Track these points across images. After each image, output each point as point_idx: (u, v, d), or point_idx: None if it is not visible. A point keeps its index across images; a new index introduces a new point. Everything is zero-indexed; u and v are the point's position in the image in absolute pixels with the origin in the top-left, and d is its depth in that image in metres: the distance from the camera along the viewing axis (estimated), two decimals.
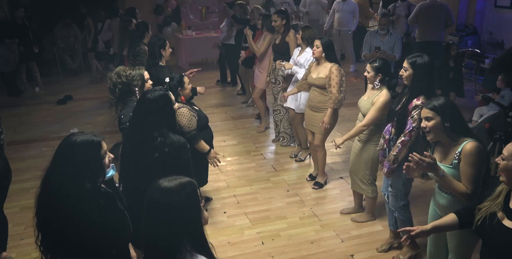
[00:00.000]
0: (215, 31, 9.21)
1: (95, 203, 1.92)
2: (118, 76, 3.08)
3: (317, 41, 3.97)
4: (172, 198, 1.59)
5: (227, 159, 5.13)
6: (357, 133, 3.47)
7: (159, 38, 4.06)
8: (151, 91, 2.58)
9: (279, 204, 4.17)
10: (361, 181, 3.69)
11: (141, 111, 2.52)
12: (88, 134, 1.93)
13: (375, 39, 5.41)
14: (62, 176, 1.85)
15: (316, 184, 4.43)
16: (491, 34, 7.83)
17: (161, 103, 2.51)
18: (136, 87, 3.07)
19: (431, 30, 6.60)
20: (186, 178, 1.67)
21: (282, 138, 5.36)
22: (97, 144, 1.93)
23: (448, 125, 2.36)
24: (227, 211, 4.06)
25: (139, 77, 3.07)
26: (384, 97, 3.34)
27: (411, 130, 2.91)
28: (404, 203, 3.24)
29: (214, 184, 4.53)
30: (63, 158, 1.86)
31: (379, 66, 3.38)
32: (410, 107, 2.94)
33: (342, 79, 3.93)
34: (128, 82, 3.06)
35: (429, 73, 3.00)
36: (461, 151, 2.35)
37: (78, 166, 1.86)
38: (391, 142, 3.12)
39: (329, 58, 3.97)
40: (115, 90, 3.09)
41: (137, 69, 3.10)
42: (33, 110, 6.90)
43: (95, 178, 1.93)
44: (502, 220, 1.98)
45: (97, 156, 1.93)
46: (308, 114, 4.27)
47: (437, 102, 2.40)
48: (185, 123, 3.36)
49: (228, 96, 7.49)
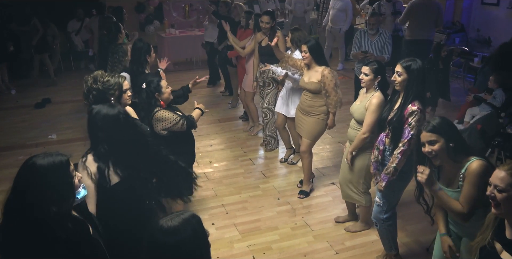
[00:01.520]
0: (199, 30, 8.97)
1: (64, 231, 1.72)
2: (94, 81, 2.82)
3: (303, 47, 3.79)
4: (179, 237, 1.45)
5: (214, 165, 4.94)
6: (361, 143, 3.27)
7: (144, 43, 3.79)
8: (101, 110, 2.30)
9: (269, 213, 4.00)
10: (353, 191, 3.53)
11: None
12: (52, 155, 1.73)
13: (364, 39, 5.25)
14: (25, 205, 1.65)
15: (302, 193, 4.26)
16: (478, 32, 7.77)
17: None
18: (112, 96, 2.81)
19: (422, 28, 6.49)
20: (187, 213, 1.54)
21: (267, 142, 5.18)
22: (65, 164, 1.74)
23: (452, 145, 2.20)
24: (215, 223, 3.87)
25: (117, 86, 2.81)
26: (377, 99, 3.18)
27: (410, 138, 2.76)
28: (388, 216, 3.09)
29: (201, 193, 4.32)
30: (26, 185, 1.65)
31: (378, 68, 3.22)
32: (405, 113, 2.79)
33: (337, 81, 3.78)
34: (103, 90, 2.80)
35: (423, 77, 2.87)
36: (465, 171, 2.19)
37: (44, 192, 1.66)
38: (385, 152, 2.97)
39: (319, 62, 3.80)
40: (89, 96, 2.83)
41: (117, 77, 2.84)
42: (9, 114, 6.56)
43: (64, 202, 1.74)
44: (500, 253, 1.80)
45: (66, 177, 1.74)
46: (298, 117, 4.11)
47: (435, 122, 2.22)
48: (169, 123, 3.22)
49: (214, 96, 7.28)
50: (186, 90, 3.95)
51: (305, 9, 8.92)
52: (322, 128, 3.99)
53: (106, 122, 2.23)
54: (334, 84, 3.73)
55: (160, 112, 3.23)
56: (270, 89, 4.88)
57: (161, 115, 3.21)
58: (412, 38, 6.61)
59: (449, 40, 7.61)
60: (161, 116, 3.21)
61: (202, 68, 8.64)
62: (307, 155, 4.13)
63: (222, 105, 6.82)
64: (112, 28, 4.94)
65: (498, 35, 7.29)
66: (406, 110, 2.78)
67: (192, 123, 3.34)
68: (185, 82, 4.14)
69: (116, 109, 2.29)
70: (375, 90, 3.25)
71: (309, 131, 3.99)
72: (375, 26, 5.17)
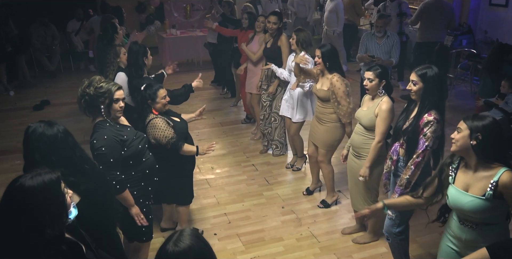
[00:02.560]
0: (201, 30, 8.82)
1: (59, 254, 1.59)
2: (88, 85, 2.59)
3: (317, 51, 3.59)
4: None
5: (216, 171, 4.80)
6: (378, 153, 3.11)
7: (140, 46, 3.67)
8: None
9: (274, 223, 3.86)
10: (362, 200, 3.39)
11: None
12: (41, 173, 1.58)
13: (371, 42, 5.10)
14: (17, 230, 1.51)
15: (322, 203, 4.09)
16: (486, 33, 7.60)
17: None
18: (102, 104, 2.59)
19: (435, 30, 6.33)
20: (188, 232, 1.58)
21: (275, 146, 5.04)
22: (56, 182, 1.60)
23: (474, 143, 2.07)
24: (217, 233, 3.73)
25: (107, 94, 2.57)
26: (386, 104, 3.05)
27: (424, 149, 2.62)
28: (400, 230, 2.95)
29: (203, 201, 4.19)
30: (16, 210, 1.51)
31: (382, 72, 3.10)
32: (421, 123, 2.64)
33: (347, 89, 3.58)
34: (94, 96, 2.57)
35: (440, 85, 2.71)
36: (497, 181, 2.04)
37: (36, 215, 1.52)
38: (399, 163, 2.82)
39: (330, 68, 3.61)
40: (81, 100, 2.63)
41: (111, 85, 2.62)
42: (6, 117, 6.44)
43: (58, 223, 1.60)
44: None
45: (58, 197, 1.60)
46: (312, 125, 3.93)
47: (478, 119, 2.09)
48: (160, 135, 3.08)
49: (216, 99, 7.13)
50: (189, 90, 3.82)
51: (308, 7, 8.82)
52: (336, 137, 3.77)
53: (42, 142, 2.01)
54: (343, 92, 3.53)
55: (155, 120, 3.10)
56: (276, 93, 4.73)
57: (155, 124, 3.09)
58: (424, 40, 6.43)
59: (456, 42, 7.44)
60: (154, 125, 3.09)
61: (204, 69, 8.45)
62: (324, 165, 3.94)
63: (224, 108, 6.68)
64: (108, 29, 4.81)
65: (506, 37, 7.11)
66: (421, 120, 2.63)
67: (177, 149, 3.14)
68: (185, 83, 3.97)
69: (54, 128, 2.06)
70: (381, 95, 3.12)
71: (322, 141, 3.82)
72: (383, 29, 5.02)
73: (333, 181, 4.03)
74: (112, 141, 2.56)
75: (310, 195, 4.23)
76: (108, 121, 2.64)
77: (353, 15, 8.61)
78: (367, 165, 3.15)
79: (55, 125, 2.10)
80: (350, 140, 3.38)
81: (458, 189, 2.17)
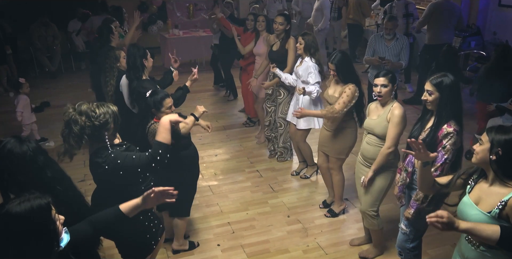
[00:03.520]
0: (204, 30, 8.68)
1: None
2: (81, 117, 2.18)
3: (330, 66, 3.43)
4: None
5: (220, 177, 4.66)
6: (386, 159, 2.97)
7: (139, 48, 3.52)
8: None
9: (279, 233, 3.73)
10: (367, 213, 3.24)
11: None
12: (29, 199, 1.46)
13: (379, 44, 4.95)
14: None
15: (330, 212, 3.96)
16: (495, 35, 7.44)
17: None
18: (107, 131, 2.29)
19: (445, 32, 6.16)
20: None
21: (280, 153, 4.90)
22: (45, 208, 1.47)
23: (493, 158, 1.93)
24: (221, 244, 3.60)
25: (112, 118, 2.25)
26: (399, 109, 2.93)
27: (443, 162, 2.48)
28: (414, 246, 2.81)
29: (206, 209, 4.06)
30: (1, 238, 1.38)
31: (393, 76, 3.01)
32: (439, 134, 2.50)
33: (353, 101, 3.43)
34: (97, 127, 2.21)
35: (457, 93, 2.57)
36: (507, 201, 1.89)
37: (24, 245, 1.39)
38: (414, 175, 2.68)
39: (345, 80, 3.45)
40: (81, 136, 2.20)
41: (107, 107, 2.26)
42: (5, 119, 6.32)
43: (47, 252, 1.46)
44: None
45: (48, 224, 1.47)
46: (322, 134, 3.78)
47: (502, 132, 1.94)
48: None
49: (218, 101, 6.99)
50: (186, 91, 3.66)
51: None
52: (347, 143, 3.64)
53: (9, 160, 1.88)
54: (348, 101, 3.39)
55: (154, 125, 2.93)
56: (281, 98, 4.58)
57: (153, 130, 2.92)
58: (434, 43, 6.23)
59: (464, 44, 7.29)
60: (153, 131, 2.92)
61: (207, 70, 8.35)
62: (335, 172, 3.80)
63: (227, 111, 6.54)
64: (103, 30, 4.68)
65: None
66: (440, 131, 2.49)
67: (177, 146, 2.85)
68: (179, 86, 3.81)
69: (24, 146, 1.92)
70: (392, 100, 2.99)
71: (333, 148, 3.68)
72: (392, 31, 4.87)
73: (342, 189, 3.90)
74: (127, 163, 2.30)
75: (326, 208, 4.03)
76: (108, 147, 2.29)
77: (358, 15, 8.44)
78: (374, 168, 3.02)
79: (25, 142, 1.96)
80: (362, 149, 3.22)
81: (469, 200, 2.05)
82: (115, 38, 4.68)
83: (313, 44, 3.94)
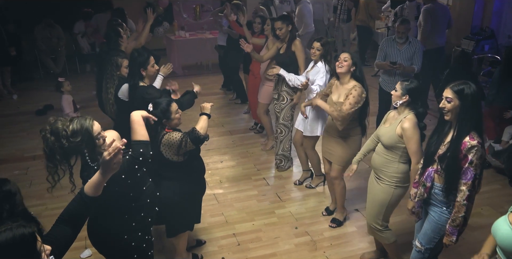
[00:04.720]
0: (210, 32, 8.55)
1: None
2: (54, 136, 2.03)
3: (345, 54, 3.33)
4: None
5: (225, 185, 4.51)
6: (417, 173, 2.72)
7: (140, 54, 3.33)
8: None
9: (286, 246, 3.56)
10: (375, 227, 3.08)
11: None
12: (11, 228, 1.32)
13: (391, 48, 4.77)
14: None
15: (334, 222, 3.81)
16: (509, 38, 7.22)
17: None
18: (84, 150, 2.14)
19: (440, 35, 6.02)
20: None
21: (279, 161, 4.72)
22: (29, 238, 1.33)
23: None
24: (225, 256, 3.44)
25: (86, 137, 2.06)
26: (408, 123, 2.74)
27: (474, 179, 2.30)
28: None
29: (210, 219, 3.90)
30: None
31: (411, 88, 2.81)
32: (463, 148, 2.32)
33: (359, 102, 3.28)
34: (69, 148, 2.06)
35: (478, 103, 2.40)
36: None
37: None
38: (433, 189, 2.50)
39: (356, 76, 3.36)
40: (53, 156, 2.04)
41: (79, 123, 2.07)
42: (7, 122, 6.20)
43: None
44: None
45: (31, 256, 1.32)
46: (326, 140, 3.64)
47: None
48: (174, 149, 2.75)
49: (225, 105, 6.83)
50: (193, 96, 3.50)
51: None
52: (354, 151, 3.48)
53: None
54: (356, 102, 3.25)
55: (169, 136, 2.76)
56: (284, 103, 4.41)
57: (167, 141, 2.77)
58: (432, 46, 6.01)
59: (478, 47, 7.08)
60: (166, 141, 2.77)
61: (214, 73, 8.24)
62: (338, 181, 3.66)
63: (234, 115, 6.38)
64: (111, 35, 4.53)
65: None
66: (463, 145, 2.31)
67: (196, 138, 2.71)
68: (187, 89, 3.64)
69: None
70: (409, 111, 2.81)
71: (339, 155, 3.53)
72: (405, 35, 4.68)
73: (344, 197, 3.79)
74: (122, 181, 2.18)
75: (330, 215, 3.90)
76: (89, 163, 2.14)
77: (366, 16, 8.25)
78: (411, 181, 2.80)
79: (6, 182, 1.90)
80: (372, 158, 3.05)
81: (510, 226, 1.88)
82: (124, 42, 4.52)
83: (330, 52, 3.83)
